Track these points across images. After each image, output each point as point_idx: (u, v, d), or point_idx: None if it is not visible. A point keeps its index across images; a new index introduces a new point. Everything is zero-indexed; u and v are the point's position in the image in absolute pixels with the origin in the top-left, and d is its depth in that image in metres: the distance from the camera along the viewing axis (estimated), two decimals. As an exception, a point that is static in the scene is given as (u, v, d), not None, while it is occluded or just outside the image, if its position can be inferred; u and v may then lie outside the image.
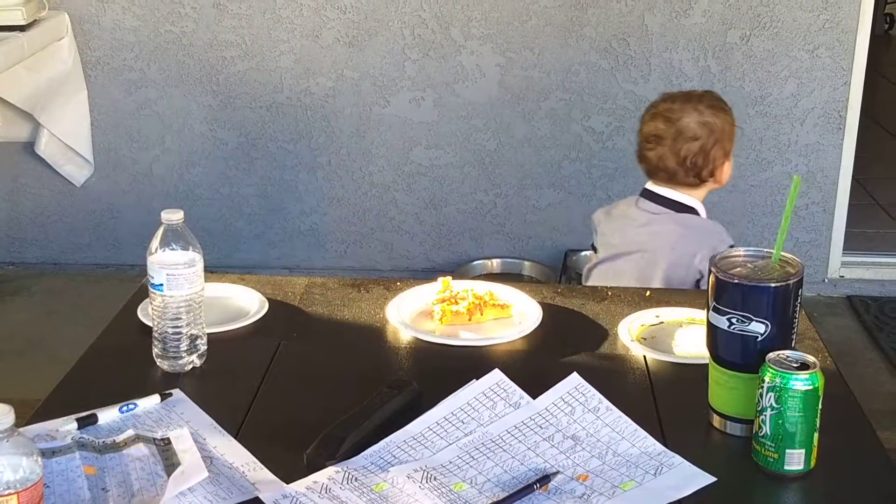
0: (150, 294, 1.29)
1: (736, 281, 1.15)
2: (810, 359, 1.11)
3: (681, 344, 1.42)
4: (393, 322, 1.46)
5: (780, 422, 1.09)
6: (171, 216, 1.27)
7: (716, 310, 1.17)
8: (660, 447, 1.14)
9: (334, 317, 1.51)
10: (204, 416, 1.20)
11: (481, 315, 1.49)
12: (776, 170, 3.15)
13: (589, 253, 2.22)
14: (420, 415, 1.17)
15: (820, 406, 1.10)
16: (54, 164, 3.19)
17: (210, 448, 1.14)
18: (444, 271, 1.59)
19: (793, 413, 1.09)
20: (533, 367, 1.35)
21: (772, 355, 1.11)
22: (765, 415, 1.10)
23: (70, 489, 1.06)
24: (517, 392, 1.21)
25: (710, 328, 1.18)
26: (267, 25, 3.11)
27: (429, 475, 1.09)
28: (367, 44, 3.12)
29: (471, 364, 1.30)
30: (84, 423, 1.17)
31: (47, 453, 1.09)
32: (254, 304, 1.50)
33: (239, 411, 1.23)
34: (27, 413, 1.19)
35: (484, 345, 1.42)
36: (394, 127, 3.19)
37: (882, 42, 5.96)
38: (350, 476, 1.08)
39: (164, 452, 1.11)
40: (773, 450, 1.10)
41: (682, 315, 1.49)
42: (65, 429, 1.15)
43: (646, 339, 1.43)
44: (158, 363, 1.32)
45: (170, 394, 1.24)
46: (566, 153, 3.20)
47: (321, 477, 1.08)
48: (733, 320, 1.15)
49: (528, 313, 1.49)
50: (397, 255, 3.31)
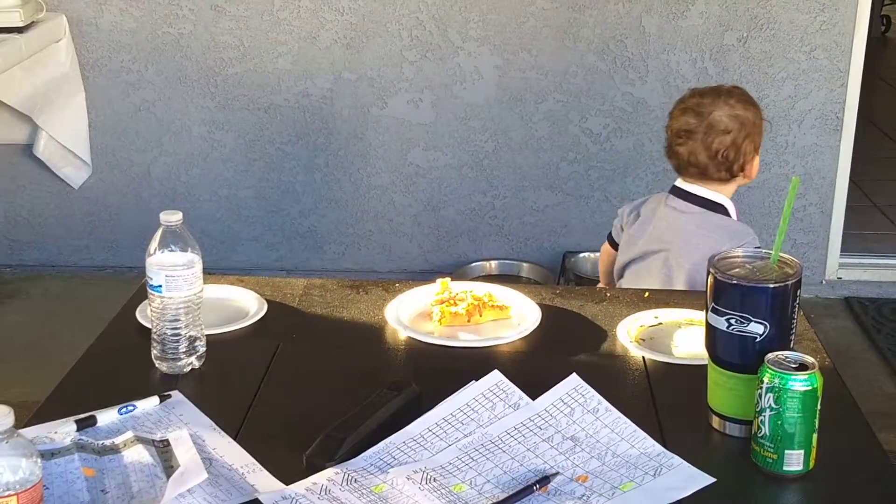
0: (149, 295, 1.29)
1: (734, 282, 1.15)
2: (809, 359, 1.11)
3: (680, 345, 1.43)
4: (392, 323, 1.46)
5: (779, 422, 1.09)
6: (170, 217, 1.27)
7: (714, 311, 1.17)
8: (659, 448, 1.14)
9: (333, 318, 1.51)
10: (203, 417, 1.20)
11: (480, 316, 1.49)
12: (774, 171, 3.16)
13: (604, 245, 2.20)
14: (419, 416, 1.17)
15: (819, 407, 1.10)
16: (52, 166, 3.19)
17: (209, 449, 1.14)
18: (442, 273, 1.59)
19: (792, 414, 1.09)
20: (532, 368, 1.35)
21: (770, 356, 1.11)
22: (764, 415, 1.10)
23: (69, 491, 1.06)
24: (516, 393, 1.21)
25: (709, 329, 1.19)
26: (265, 27, 3.11)
27: (428, 476, 1.09)
28: (365, 45, 3.12)
29: (470, 365, 1.30)
30: (83, 424, 1.17)
31: (46, 455, 1.09)
32: (253, 306, 1.50)
33: (238, 412, 1.23)
34: (26, 415, 1.19)
35: (483, 346, 1.42)
36: (392, 128, 3.19)
37: (879, 44, 5.97)
38: (349, 477, 1.08)
39: (164, 454, 1.11)
40: (772, 450, 1.10)
41: (681, 316, 1.49)
42: (64, 430, 1.15)
43: (644, 340, 1.43)
44: (157, 365, 1.32)
45: (169, 395, 1.24)
46: (564, 155, 3.20)
47: (320, 478, 1.08)
48: (732, 321, 1.15)
49: (527, 314, 1.49)
50: (395, 257, 3.31)
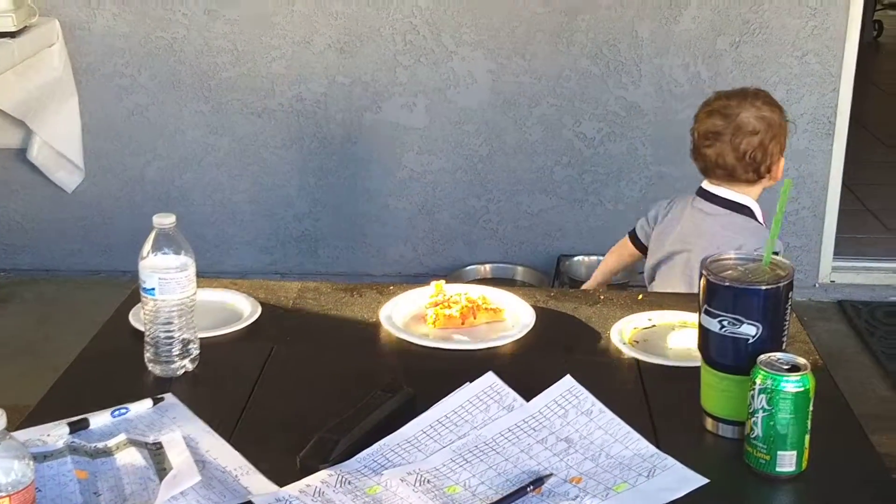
0: (142, 298, 1.29)
1: (727, 283, 1.15)
2: (801, 361, 1.11)
3: (673, 346, 1.43)
4: (386, 326, 1.46)
5: (772, 423, 1.10)
6: (163, 220, 1.26)
7: (707, 312, 1.17)
8: (652, 449, 1.14)
9: (327, 321, 1.51)
10: (196, 419, 1.20)
11: (474, 319, 1.49)
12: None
13: (624, 239, 2.21)
14: (413, 418, 1.17)
15: (811, 408, 1.11)
16: (46, 171, 3.18)
17: (202, 452, 1.13)
18: (436, 276, 1.59)
19: (784, 415, 1.09)
20: (526, 369, 1.35)
21: (763, 357, 1.11)
22: (756, 417, 1.11)
23: (62, 493, 1.06)
24: (510, 395, 1.22)
25: (702, 331, 1.19)
26: (259, 31, 3.12)
27: (422, 478, 1.09)
28: (359, 50, 3.12)
29: (464, 367, 1.30)
30: (76, 427, 1.17)
31: (39, 457, 1.09)
32: (246, 309, 1.50)
33: (232, 415, 1.23)
34: (20, 418, 1.19)
35: (477, 348, 1.42)
36: (386, 133, 3.20)
37: (871, 49, 6.00)
38: (343, 479, 1.08)
39: (156, 457, 1.11)
40: (764, 451, 1.11)
41: (675, 318, 1.49)
42: (56, 433, 1.15)
43: (638, 342, 1.44)
44: (150, 368, 1.32)
45: (162, 398, 1.24)
46: (558, 159, 3.21)
47: (314, 480, 1.08)
48: (725, 322, 1.15)
49: (522, 317, 1.50)
50: (390, 261, 3.31)
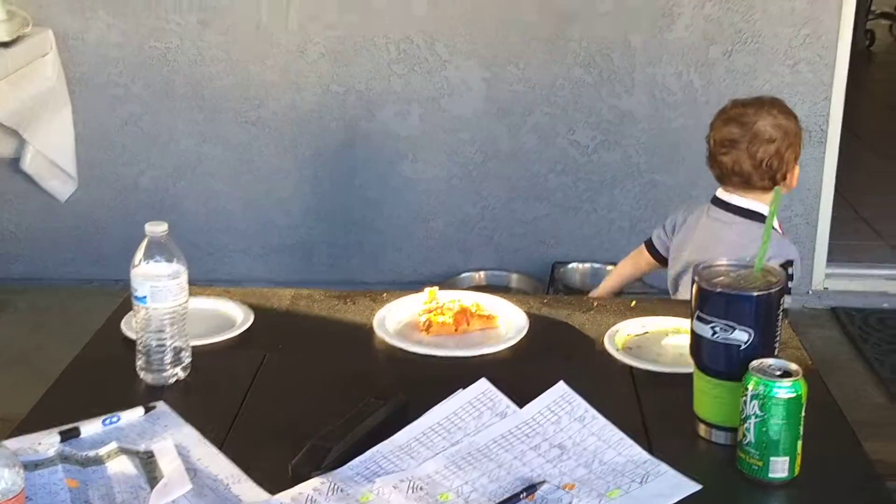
0: (134, 306, 1.29)
1: (719, 290, 1.15)
2: (793, 366, 1.11)
3: (666, 353, 1.43)
4: (379, 333, 1.46)
5: (764, 429, 1.10)
6: (155, 228, 1.26)
7: (700, 318, 1.17)
8: (646, 455, 1.14)
9: (320, 328, 1.50)
10: (188, 428, 1.19)
11: (468, 325, 1.49)
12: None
13: (640, 248, 2.21)
14: (406, 425, 1.17)
15: (803, 413, 1.11)
16: (39, 180, 3.18)
17: (194, 460, 1.13)
18: (431, 284, 1.59)
19: (776, 421, 1.09)
20: (519, 376, 1.34)
21: (755, 363, 1.11)
22: (749, 423, 1.11)
23: (52, 502, 1.05)
24: (504, 401, 1.21)
25: (695, 337, 1.19)
26: (252, 41, 3.12)
27: (415, 485, 1.08)
28: (353, 59, 3.13)
29: (457, 374, 1.30)
30: (67, 435, 1.16)
31: (30, 466, 1.08)
32: (239, 316, 1.50)
33: (223, 423, 1.23)
34: (10, 429, 1.18)
35: (471, 355, 1.42)
36: (380, 141, 3.20)
37: (864, 58, 6.02)
38: (335, 487, 1.08)
39: (147, 465, 1.11)
40: (757, 457, 1.11)
41: (668, 324, 1.49)
42: (48, 442, 1.14)
43: (631, 349, 1.44)
44: (142, 376, 1.32)
45: (153, 406, 1.24)
46: (552, 166, 3.21)
47: (306, 488, 1.08)
48: (717, 329, 1.15)
49: (515, 323, 1.50)
50: (385, 268, 3.31)
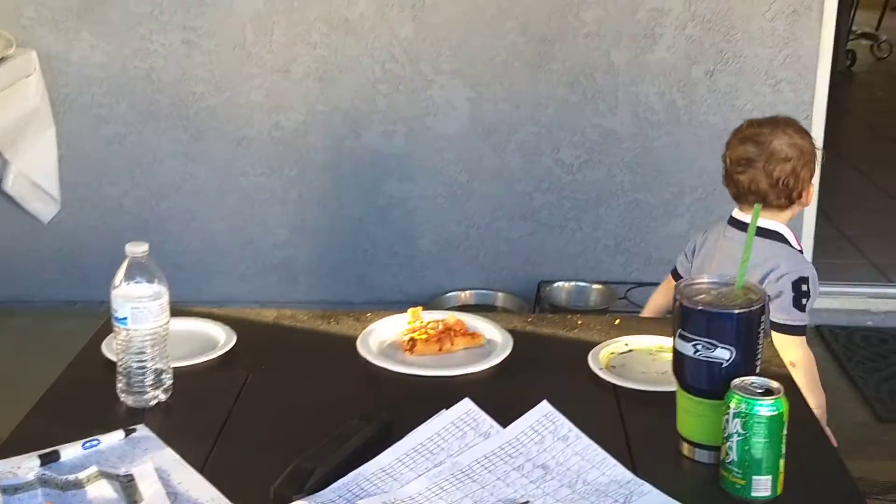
0: (114, 328, 1.28)
1: (700, 308, 1.16)
2: (774, 384, 1.12)
3: (650, 371, 1.43)
4: (363, 353, 1.46)
5: (747, 448, 1.10)
6: (136, 248, 1.26)
7: (682, 336, 1.17)
8: (629, 475, 1.14)
9: (303, 349, 1.50)
10: (168, 451, 1.18)
11: (452, 345, 1.48)
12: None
13: (668, 278, 2.22)
14: (390, 446, 1.17)
15: (785, 432, 1.11)
16: (21, 202, 3.16)
17: (174, 483, 1.12)
18: (417, 303, 1.59)
19: (759, 439, 1.09)
20: (503, 396, 1.34)
21: (736, 381, 1.12)
22: (731, 441, 1.11)
23: (31, 527, 1.04)
24: (487, 421, 1.21)
25: (677, 355, 1.19)
26: (237, 61, 3.12)
27: (397, 507, 1.08)
28: (338, 78, 3.13)
29: (441, 394, 1.29)
30: (47, 459, 1.15)
31: (9, 490, 1.07)
32: (221, 337, 1.49)
33: (204, 445, 1.22)
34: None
35: (454, 374, 1.42)
36: (365, 160, 3.20)
37: (845, 78, 6.09)
38: (318, 509, 1.07)
39: (128, 489, 1.09)
40: (740, 476, 1.11)
41: (652, 343, 1.49)
42: (27, 465, 1.13)
43: (615, 368, 1.44)
44: (122, 398, 1.31)
45: (134, 429, 1.23)
46: (537, 185, 3.22)
47: (288, 511, 1.07)
48: (699, 347, 1.15)
49: (499, 343, 1.49)
50: (370, 288, 3.30)
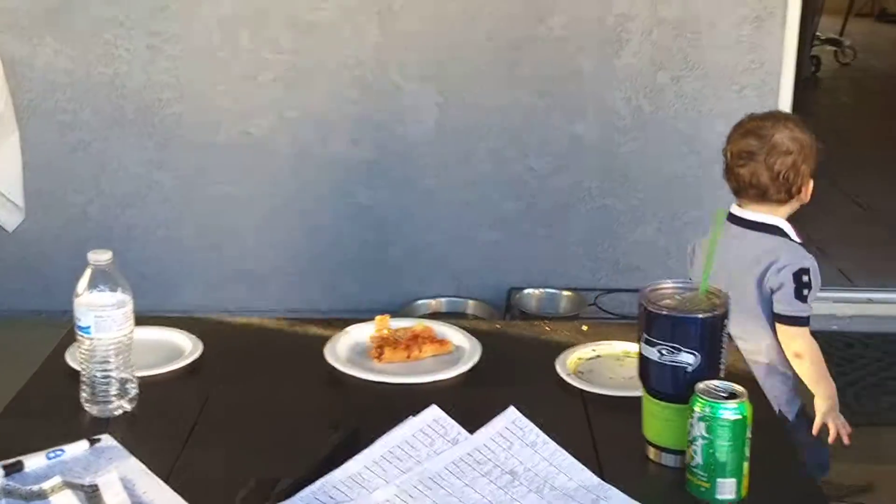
0: (78, 337, 1.27)
1: (665, 313, 1.17)
2: (738, 388, 1.13)
3: (617, 377, 1.44)
4: (330, 360, 1.45)
5: (711, 451, 1.11)
6: (99, 256, 1.25)
7: (647, 341, 1.18)
8: (596, 480, 1.14)
9: (270, 357, 1.49)
10: (133, 460, 1.17)
11: (420, 352, 1.48)
12: (710, 206, 3.22)
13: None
14: (357, 453, 1.16)
15: (749, 435, 1.12)
16: (-15, 210, 3.12)
17: (139, 493, 1.11)
18: (387, 311, 1.59)
19: (723, 442, 1.10)
20: (471, 402, 1.34)
21: (701, 385, 1.13)
22: (696, 445, 1.12)
23: (-8, 540, 1.03)
24: (455, 428, 1.21)
25: (642, 360, 1.20)
26: (203, 67, 3.10)
27: (365, 515, 1.07)
28: (306, 85, 3.13)
29: (410, 401, 1.29)
30: (10, 470, 1.13)
31: (-31, 503, 1.06)
32: (187, 346, 1.48)
33: (170, 455, 1.21)
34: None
35: (422, 381, 1.42)
36: (334, 167, 3.19)
37: (810, 84, 6.18)
38: (284, 518, 1.06)
39: (92, 499, 1.08)
40: (705, 479, 1.12)
41: (619, 348, 1.51)
42: (-11, 477, 1.11)
43: (583, 373, 1.44)
44: (87, 408, 1.29)
45: (98, 439, 1.21)
46: (507, 192, 3.23)
47: (255, 520, 1.06)
48: (664, 351, 1.17)
49: (467, 349, 1.50)
50: (339, 296, 3.29)
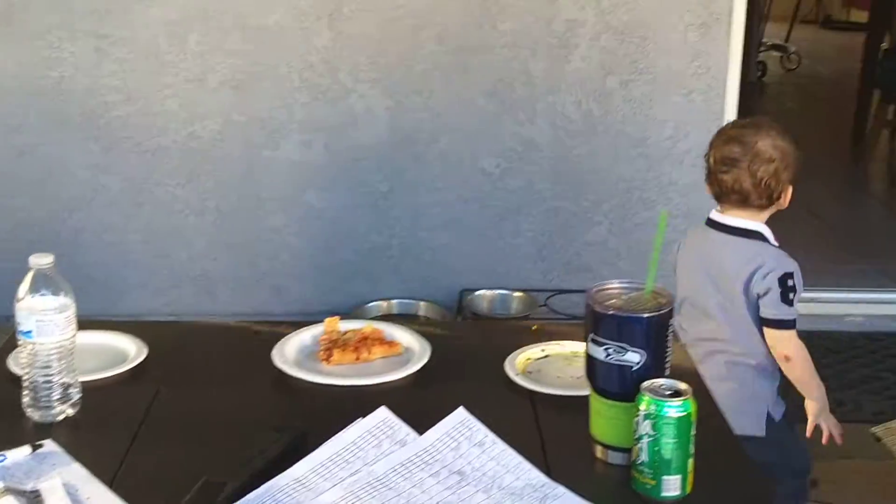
0: (19, 341, 1.25)
1: (611, 312, 1.18)
2: (683, 386, 1.14)
3: (565, 376, 1.45)
4: (278, 364, 1.44)
5: (657, 449, 1.12)
6: (41, 260, 1.23)
7: (594, 341, 1.20)
8: (544, 479, 1.15)
9: (216, 361, 1.48)
10: (76, 466, 1.15)
11: (369, 354, 1.48)
12: (658, 208, 3.27)
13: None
14: (304, 457, 1.16)
15: (693, 432, 1.14)
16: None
17: (83, 499, 1.09)
18: (339, 314, 1.58)
19: (668, 439, 1.12)
20: (420, 403, 1.34)
21: (646, 384, 1.14)
22: (642, 442, 1.13)
23: (-72, 551, 1.00)
24: (403, 429, 1.21)
25: (589, 359, 1.21)
26: (150, 70, 3.06)
27: (312, 517, 1.07)
28: (255, 88, 3.10)
29: (358, 404, 1.29)
30: (-53, 479, 1.11)
31: None
32: (131, 350, 1.46)
33: (114, 460, 1.19)
34: None
35: (372, 383, 1.41)
36: (285, 170, 3.17)
37: (756, 89, 6.30)
38: (231, 522, 1.05)
39: (34, 507, 1.06)
40: (650, 476, 1.13)
41: (568, 348, 1.52)
42: (-75, 486, 1.09)
43: (531, 373, 1.45)
44: (29, 413, 1.27)
45: (41, 444, 1.19)
46: (458, 194, 3.24)
47: (200, 525, 1.05)
48: (610, 350, 1.18)
49: (417, 351, 1.50)
50: (291, 300, 3.27)
